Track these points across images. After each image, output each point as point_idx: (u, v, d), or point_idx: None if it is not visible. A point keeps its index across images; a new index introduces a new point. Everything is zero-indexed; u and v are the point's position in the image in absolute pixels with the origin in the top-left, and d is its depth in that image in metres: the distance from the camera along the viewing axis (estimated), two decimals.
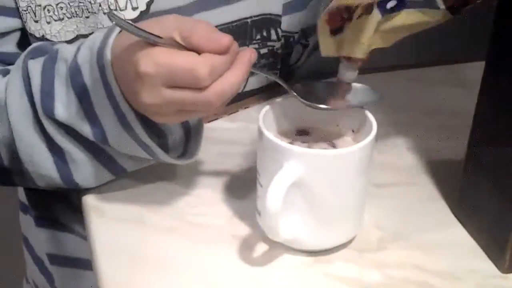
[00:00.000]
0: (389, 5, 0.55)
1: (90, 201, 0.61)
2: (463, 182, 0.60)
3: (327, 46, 0.57)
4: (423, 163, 0.67)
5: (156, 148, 0.56)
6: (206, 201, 0.62)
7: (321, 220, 0.54)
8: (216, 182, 0.64)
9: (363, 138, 0.54)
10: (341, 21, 0.55)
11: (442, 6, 0.56)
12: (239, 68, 0.51)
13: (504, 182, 0.54)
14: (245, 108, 0.75)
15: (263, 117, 0.55)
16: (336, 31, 0.56)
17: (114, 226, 0.59)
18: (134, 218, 0.60)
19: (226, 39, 0.50)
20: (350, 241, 0.58)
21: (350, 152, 0.52)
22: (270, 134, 0.53)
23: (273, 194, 0.50)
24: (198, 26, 0.51)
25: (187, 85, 0.50)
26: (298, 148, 0.52)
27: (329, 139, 0.58)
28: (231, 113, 0.75)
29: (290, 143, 0.56)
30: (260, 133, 0.54)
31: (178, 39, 0.50)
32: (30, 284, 0.84)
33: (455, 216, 0.61)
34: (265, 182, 0.54)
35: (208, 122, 0.73)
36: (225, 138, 0.71)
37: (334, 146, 0.58)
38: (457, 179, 0.60)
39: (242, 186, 0.62)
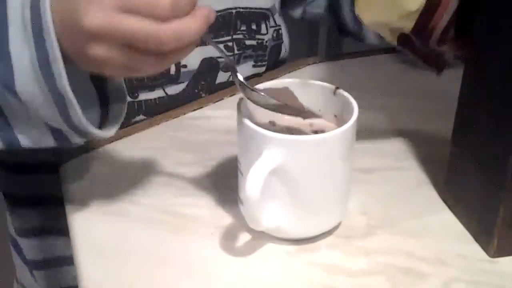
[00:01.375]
0: None
1: (70, 194, 0.60)
2: (449, 166, 0.58)
3: None
4: (411, 148, 0.66)
5: (75, 102, 0.48)
6: (189, 192, 0.60)
7: (304, 207, 0.53)
8: (199, 172, 0.63)
9: (342, 120, 0.52)
10: None
11: None
12: (199, 18, 0.46)
13: (488, 166, 0.53)
14: (230, 96, 0.74)
15: (241, 104, 0.54)
16: None
17: (95, 219, 0.58)
18: (115, 211, 0.58)
19: None
20: (335, 228, 0.56)
21: (330, 137, 0.51)
22: (248, 121, 0.52)
23: (252, 182, 0.49)
24: None
25: (143, 12, 0.44)
26: (276, 134, 0.50)
27: (311, 125, 0.57)
28: (216, 101, 0.73)
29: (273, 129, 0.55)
30: (239, 120, 0.53)
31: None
32: (20, 286, 0.83)
33: (443, 200, 0.60)
34: (245, 171, 0.53)
35: (193, 110, 0.72)
36: (209, 127, 0.69)
37: (316, 132, 0.56)
38: (444, 163, 0.59)
39: (226, 175, 0.61)
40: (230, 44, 0.74)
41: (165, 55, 0.46)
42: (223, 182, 0.61)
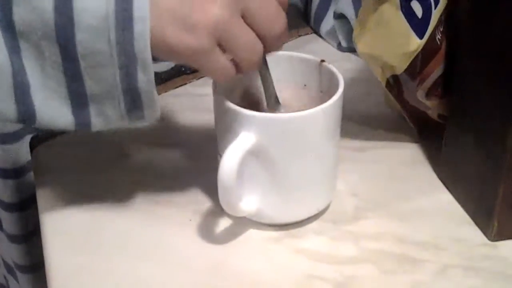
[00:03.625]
0: None
1: (40, 186, 0.56)
2: (447, 143, 0.54)
3: None
4: (405, 123, 0.61)
5: (151, 68, 0.43)
6: (167, 176, 0.56)
7: (286, 190, 0.49)
8: (179, 154, 0.59)
9: (330, 94, 0.48)
10: None
11: None
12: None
13: (488, 143, 0.48)
14: None
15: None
16: None
17: (66, 206, 0.54)
18: (88, 197, 0.55)
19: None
20: (322, 212, 0.52)
21: (310, 114, 0.47)
22: (223, 98, 0.48)
23: (227, 164, 0.45)
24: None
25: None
26: (250, 113, 0.46)
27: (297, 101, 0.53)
28: (200, 77, 0.69)
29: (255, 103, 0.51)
30: (214, 98, 0.49)
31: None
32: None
33: (440, 179, 0.55)
34: (222, 152, 0.48)
35: (176, 87, 0.68)
36: (192, 105, 0.65)
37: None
38: (441, 140, 0.54)
39: (208, 157, 0.57)
40: None
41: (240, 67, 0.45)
42: (204, 165, 0.56)
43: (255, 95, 0.53)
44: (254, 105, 0.52)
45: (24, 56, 0.43)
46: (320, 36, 0.77)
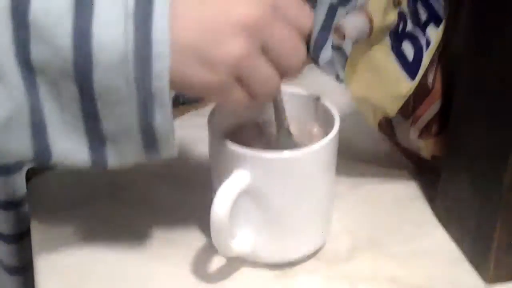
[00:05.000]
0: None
1: (35, 216, 0.56)
2: (443, 180, 0.53)
3: None
4: (402, 159, 0.61)
5: (168, 105, 0.42)
6: (162, 211, 0.56)
7: (280, 230, 0.49)
8: (174, 188, 0.58)
9: (326, 132, 0.48)
10: None
11: None
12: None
13: (484, 183, 0.48)
14: None
15: (215, 114, 0.50)
16: None
17: (60, 239, 0.53)
18: (82, 231, 0.54)
19: None
20: (317, 251, 0.52)
21: (307, 154, 0.46)
22: (218, 134, 0.47)
23: (220, 206, 0.44)
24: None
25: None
26: (244, 150, 0.46)
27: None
28: (199, 108, 0.69)
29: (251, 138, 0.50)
30: (209, 133, 0.48)
31: (270, 12, 0.42)
32: None
33: (437, 218, 0.55)
34: (216, 190, 0.48)
35: (178, 117, 0.68)
36: (189, 136, 0.65)
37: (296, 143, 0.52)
38: (438, 176, 0.54)
39: (204, 192, 0.56)
40: None
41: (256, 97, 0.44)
42: (200, 199, 0.56)
43: (254, 128, 0.53)
44: (253, 139, 0.52)
45: (42, 94, 0.42)
46: (319, 66, 0.77)
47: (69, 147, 0.44)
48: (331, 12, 0.76)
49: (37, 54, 0.41)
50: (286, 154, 0.46)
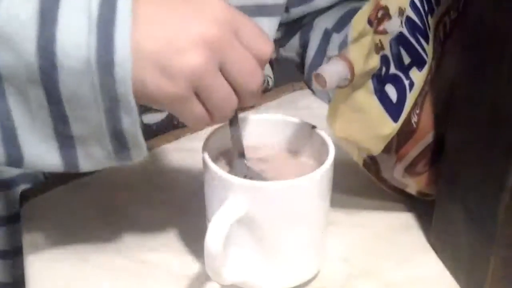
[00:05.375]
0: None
1: (28, 236, 0.56)
2: (437, 209, 0.53)
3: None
4: None
5: (134, 109, 0.43)
6: (154, 235, 0.56)
7: (274, 259, 0.48)
8: (169, 213, 0.58)
9: (321, 161, 0.48)
10: None
11: None
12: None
13: (478, 214, 0.48)
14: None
15: (209, 141, 0.50)
16: None
17: (52, 263, 0.53)
18: (74, 255, 0.54)
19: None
20: (311, 279, 0.52)
21: (299, 183, 0.46)
22: (212, 163, 0.47)
23: (214, 234, 0.44)
24: (251, 24, 0.45)
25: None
26: (239, 180, 0.46)
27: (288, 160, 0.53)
28: (194, 132, 0.69)
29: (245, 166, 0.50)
30: (203, 161, 0.48)
31: (231, 35, 0.43)
32: None
33: (432, 247, 0.55)
34: (210, 218, 0.48)
35: (168, 142, 0.68)
36: (185, 161, 0.65)
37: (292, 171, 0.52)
38: (433, 204, 0.54)
39: (198, 218, 0.56)
40: None
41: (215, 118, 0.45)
42: (194, 225, 0.56)
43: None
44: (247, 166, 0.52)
45: (10, 100, 0.43)
46: (313, 90, 0.77)
47: (40, 151, 0.45)
48: (326, 37, 0.76)
49: (3, 61, 0.42)
50: (280, 183, 0.46)
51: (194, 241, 0.54)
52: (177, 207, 0.58)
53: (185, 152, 0.66)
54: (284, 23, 0.79)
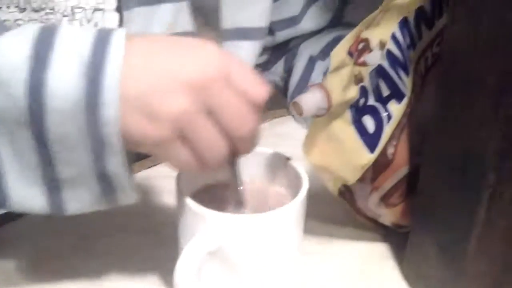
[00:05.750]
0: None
1: (1, 264, 0.55)
2: (410, 242, 0.54)
3: None
4: None
5: (120, 152, 0.43)
6: (129, 264, 0.55)
7: None
8: (143, 243, 0.57)
9: (296, 193, 0.48)
10: None
11: None
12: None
13: (450, 249, 0.48)
14: None
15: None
16: None
17: None
18: (49, 283, 0.53)
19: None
20: None
21: (271, 216, 0.46)
22: (185, 193, 0.47)
23: (183, 268, 0.44)
24: (244, 69, 0.44)
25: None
26: (211, 212, 0.46)
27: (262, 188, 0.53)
28: None
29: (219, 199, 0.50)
30: (176, 193, 0.48)
31: (221, 80, 0.43)
32: None
33: (405, 279, 0.55)
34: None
35: (147, 168, 0.68)
36: (161, 187, 0.65)
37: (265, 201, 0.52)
38: (407, 236, 0.54)
39: (172, 246, 0.56)
40: None
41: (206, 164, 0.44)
42: (169, 254, 0.55)
43: (223, 189, 0.52)
44: (221, 200, 0.51)
45: None
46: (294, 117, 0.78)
47: (27, 194, 0.45)
48: (311, 63, 0.77)
49: None
50: (252, 216, 0.46)
51: (169, 271, 0.54)
52: (153, 234, 0.58)
53: (163, 179, 0.66)
54: (270, 47, 0.79)
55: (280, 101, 0.82)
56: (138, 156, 0.69)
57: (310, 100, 0.47)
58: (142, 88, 0.42)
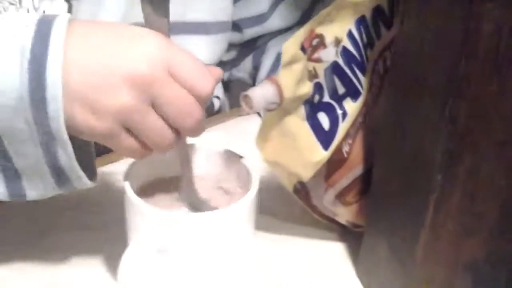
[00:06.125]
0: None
1: None
2: (364, 243, 0.53)
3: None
4: None
5: (69, 144, 0.43)
6: (79, 263, 0.54)
7: None
8: (89, 237, 0.57)
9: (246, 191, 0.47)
10: None
11: None
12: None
13: (400, 253, 0.47)
14: None
15: (132, 166, 0.49)
16: None
17: None
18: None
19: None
20: None
21: (221, 215, 0.46)
22: (131, 190, 0.46)
23: (125, 266, 0.44)
24: (188, 60, 0.44)
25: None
26: (152, 210, 0.45)
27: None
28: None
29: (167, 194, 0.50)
30: (124, 188, 0.47)
31: (163, 73, 0.42)
32: None
33: (359, 279, 0.54)
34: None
35: (106, 164, 0.67)
36: (116, 185, 0.64)
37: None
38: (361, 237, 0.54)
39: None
40: None
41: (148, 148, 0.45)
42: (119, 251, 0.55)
43: (172, 183, 0.52)
44: (169, 196, 0.51)
45: None
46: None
47: None
48: (278, 60, 0.76)
49: None
50: (196, 216, 0.46)
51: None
52: (114, 231, 0.57)
53: (115, 175, 0.65)
54: (238, 44, 0.79)
55: None
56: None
57: (261, 94, 0.46)
58: (83, 83, 0.42)
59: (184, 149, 0.49)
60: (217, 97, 0.79)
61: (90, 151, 0.47)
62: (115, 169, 0.64)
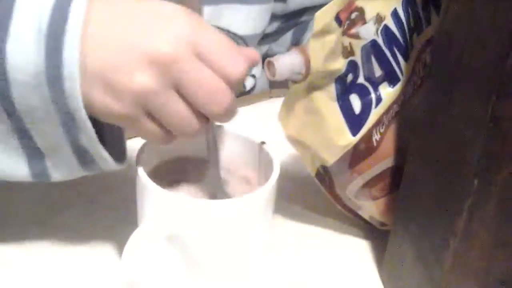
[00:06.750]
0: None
1: None
2: (390, 245, 0.50)
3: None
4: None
5: (89, 125, 0.41)
6: (95, 240, 0.52)
7: (205, 284, 0.45)
8: (113, 215, 0.54)
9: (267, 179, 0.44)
10: None
11: None
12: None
13: (427, 258, 0.44)
14: None
15: (144, 147, 0.46)
16: None
17: None
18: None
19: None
20: None
21: (237, 203, 0.43)
22: (143, 172, 0.44)
23: (130, 250, 0.41)
24: (219, 40, 0.41)
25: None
26: (169, 195, 0.42)
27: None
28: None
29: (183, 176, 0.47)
30: (137, 169, 0.45)
31: (189, 54, 0.39)
32: None
33: (382, 283, 0.51)
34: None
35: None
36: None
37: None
38: (386, 240, 0.50)
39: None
40: None
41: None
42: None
43: (188, 164, 0.50)
44: (185, 178, 0.48)
45: None
46: None
47: (8, 163, 0.43)
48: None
49: None
50: (211, 202, 0.43)
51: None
52: (125, 210, 0.55)
53: (132, 151, 0.62)
54: (281, 16, 0.75)
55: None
56: None
57: (286, 62, 0.43)
58: (102, 62, 0.39)
59: (211, 133, 0.46)
60: (253, 76, 0.75)
61: (120, 130, 0.45)
62: (133, 144, 0.62)
